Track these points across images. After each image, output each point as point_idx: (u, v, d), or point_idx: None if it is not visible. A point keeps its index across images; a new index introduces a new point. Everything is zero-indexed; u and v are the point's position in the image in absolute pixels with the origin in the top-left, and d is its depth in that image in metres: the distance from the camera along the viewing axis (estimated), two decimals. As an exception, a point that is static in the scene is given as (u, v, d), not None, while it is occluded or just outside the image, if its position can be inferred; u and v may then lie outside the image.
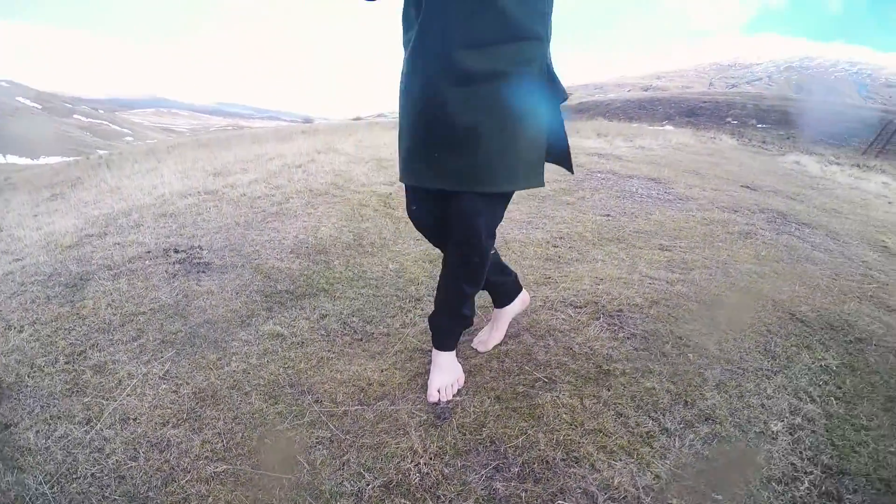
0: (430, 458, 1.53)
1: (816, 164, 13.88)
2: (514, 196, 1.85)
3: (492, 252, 1.79)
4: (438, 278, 1.82)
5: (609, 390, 1.83)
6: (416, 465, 1.51)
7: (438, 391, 1.79)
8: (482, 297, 2.25)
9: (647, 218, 4.31)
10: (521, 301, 2.19)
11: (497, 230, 1.79)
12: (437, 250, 2.01)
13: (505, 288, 2.09)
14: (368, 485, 1.46)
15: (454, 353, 1.91)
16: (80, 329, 2.38)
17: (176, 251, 3.29)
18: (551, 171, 4.58)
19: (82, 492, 1.50)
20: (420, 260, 3.18)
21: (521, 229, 3.86)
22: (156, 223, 4.11)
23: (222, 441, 1.65)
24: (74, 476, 1.56)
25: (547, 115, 1.62)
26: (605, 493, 1.44)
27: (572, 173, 1.86)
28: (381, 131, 15.41)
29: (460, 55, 1.45)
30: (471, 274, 1.74)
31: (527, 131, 1.56)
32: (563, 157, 1.75)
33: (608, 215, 4.32)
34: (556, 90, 1.62)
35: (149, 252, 3.32)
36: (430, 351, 1.94)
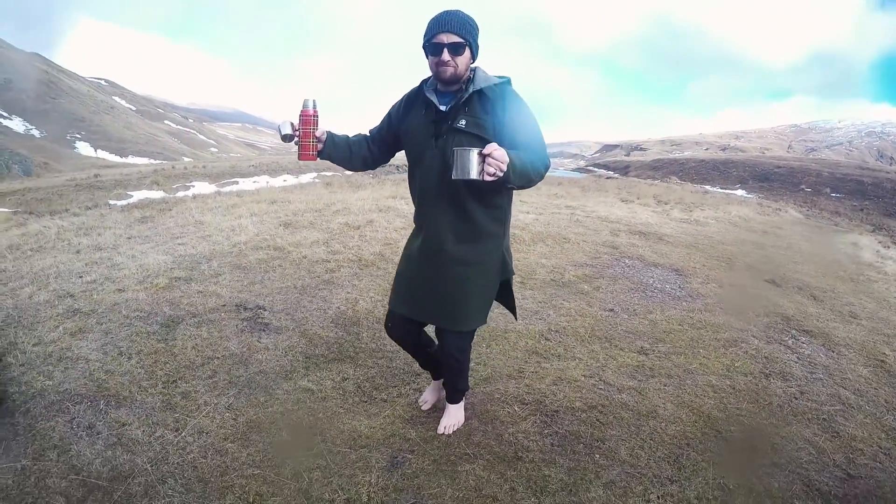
0: (378, 490, 2.61)
1: (874, 247, 13.86)
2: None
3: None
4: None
5: (514, 471, 2.79)
6: (368, 492, 2.59)
7: (445, 427, 3.05)
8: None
9: (645, 317, 5.12)
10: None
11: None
12: None
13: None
14: (337, 497, 2.55)
15: (460, 404, 3.14)
16: (172, 364, 3.63)
17: (245, 308, 4.54)
18: (586, 254, 6.18)
19: (170, 472, 2.66)
20: (432, 342, 4.25)
21: (525, 319, 4.74)
22: (231, 275, 5.41)
23: (260, 456, 2.79)
24: (165, 462, 2.73)
25: (496, 285, 2.77)
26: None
27: (515, 318, 3.13)
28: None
29: (450, 246, 2.54)
30: (458, 367, 2.94)
31: (483, 296, 2.71)
32: (510, 306, 3.00)
33: (612, 310, 5.19)
34: (506, 270, 2.75)
35: (224, 305, 4.59)
36: (410, 426, 3.07)
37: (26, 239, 7.76)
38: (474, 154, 2.06)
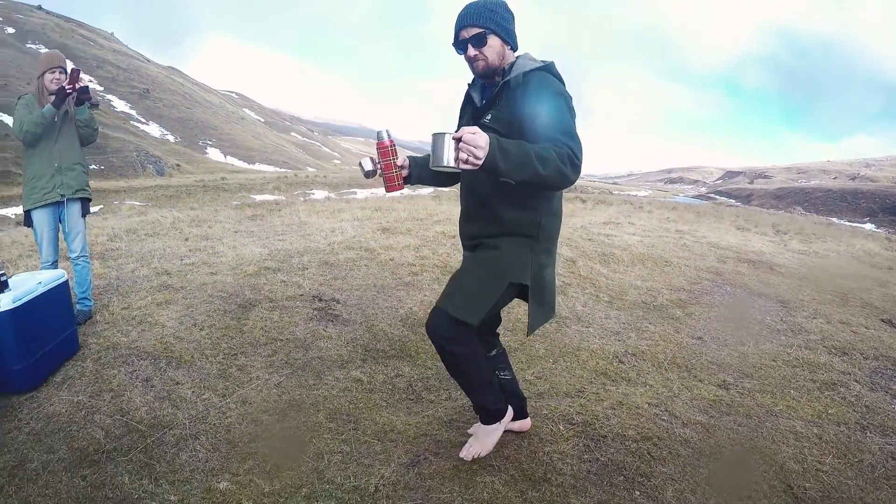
0: (389, 484, 2.62)
1: None
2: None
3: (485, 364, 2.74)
4: None
5: (537, 492, 2.63)
6: (377, 483, 2.61)
7: (466, 453, 2.78)
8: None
9: (735, 348, 4.72)
10: (519, 425, 3.06)
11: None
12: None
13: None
14: (347, 483, 2.61)
15: (490, 427, 2.82)
16: (238, 339, 3.92)
17: (320, 299, 4.77)
18: (686, 278, 6.67)
19: (204, 431, 2.88)
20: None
21: (603, 338, 4.60)
22: (317, 270, 5.72)
23: (291, 432, 2.95)
24: (203, 421, 2.96)
25: (502, 285, 2.45)
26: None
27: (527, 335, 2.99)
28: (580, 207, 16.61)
29: (474, 245, 2.54)
30: (442, 357, 2.60)
31: (477, 287, 2.45)
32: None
33: (700, 338, 4.88)
34: (522, 273, 2.46)
35: (301, 295, 4.87)
36: (446, 428, 3.08)
37: (143, 225, 8.57)
38: (447, 139, 1.91)
